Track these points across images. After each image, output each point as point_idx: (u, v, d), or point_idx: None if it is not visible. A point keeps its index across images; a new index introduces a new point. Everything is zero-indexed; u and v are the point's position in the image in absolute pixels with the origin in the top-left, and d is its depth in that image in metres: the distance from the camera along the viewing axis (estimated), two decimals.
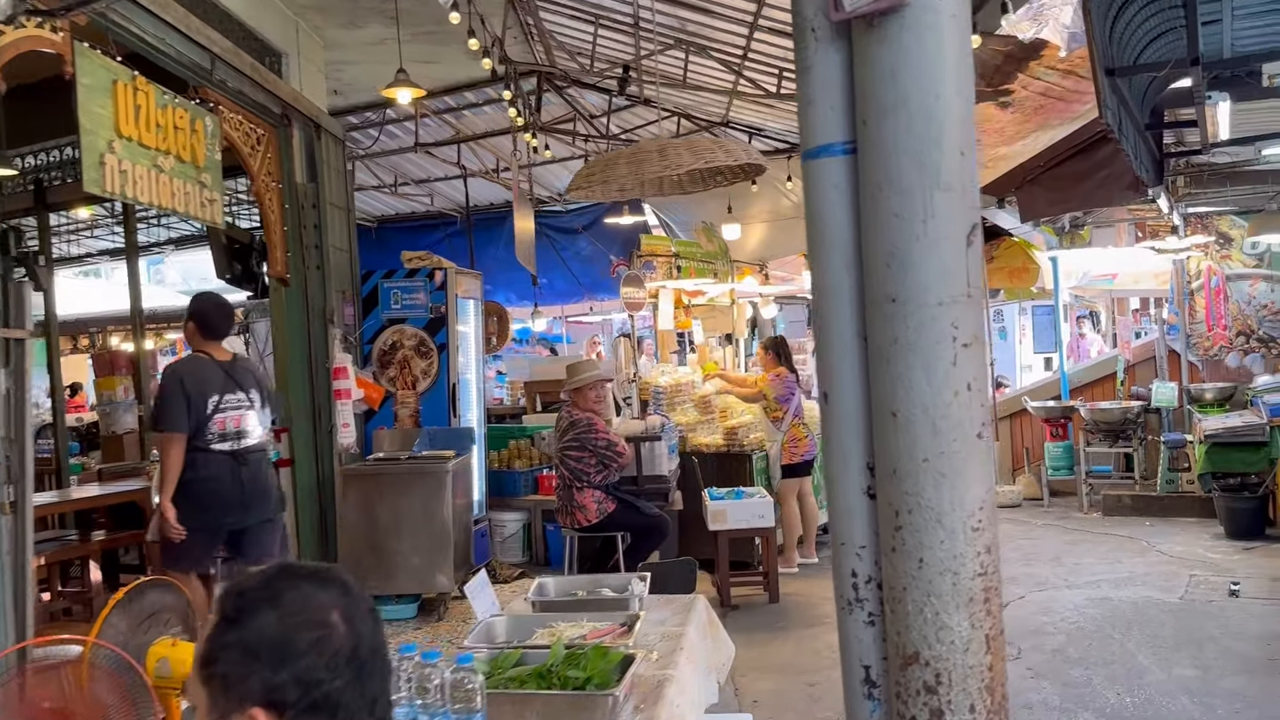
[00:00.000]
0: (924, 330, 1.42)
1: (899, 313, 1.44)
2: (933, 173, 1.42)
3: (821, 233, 1.55)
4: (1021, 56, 4.93)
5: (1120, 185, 6.09)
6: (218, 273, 7.00)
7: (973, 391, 1.43)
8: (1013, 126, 6.10)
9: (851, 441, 1.55)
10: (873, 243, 1.47)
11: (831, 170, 1.54)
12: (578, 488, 5.83)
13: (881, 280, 1.46)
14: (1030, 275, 10.55)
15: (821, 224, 1.55)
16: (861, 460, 1.54)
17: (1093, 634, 5.87)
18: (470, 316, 7.81)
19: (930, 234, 1.42)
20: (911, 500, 1.44)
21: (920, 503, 1.44)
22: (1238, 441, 8.03)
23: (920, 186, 1.42)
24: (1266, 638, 5.65)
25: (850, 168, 1.52)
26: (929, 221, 1.42)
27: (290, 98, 6.53)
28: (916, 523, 1.44)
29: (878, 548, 1.51)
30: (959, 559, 1.43)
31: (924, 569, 1.43)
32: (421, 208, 11.29)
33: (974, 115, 4.70)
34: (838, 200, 1.54)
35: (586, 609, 3.10)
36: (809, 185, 1.57)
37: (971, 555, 1.43)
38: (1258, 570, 7.06)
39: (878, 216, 1.46)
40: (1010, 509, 9.76)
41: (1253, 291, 9.78)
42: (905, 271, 1.43)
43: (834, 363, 1.56)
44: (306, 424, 6.80)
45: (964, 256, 1.44)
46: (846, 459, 1.56)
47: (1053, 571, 7.33)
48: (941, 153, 1.42)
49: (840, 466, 1.56)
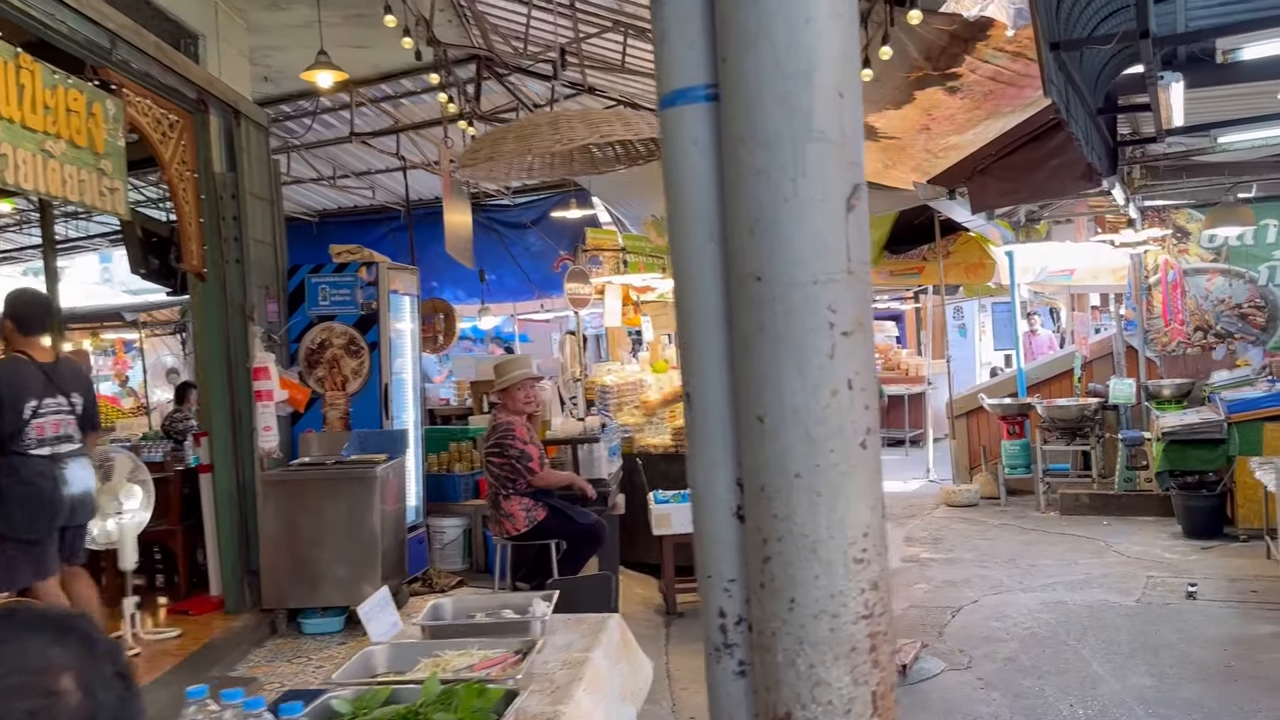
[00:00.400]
0: (794, 315, 1.14)
1: (765, 294, 1.15)
2: (803, 118, 1.14)
3: (680, 197, 1.26)
4: (968, 36, 4.68)
5: (1073, 175, 5.87)
6: (132, 267, 6.64)
7: (855, 390, 1.15)
8: (963, 114, 5.86)
9: (718, 452, 1.26)
10: (735, 208, 1.19)
11: (691, 120, 1.25)
12: (504, 495, 5.52)
13: (744, 254, 1.17)
14: (986, 270, 10.37)
15: (680, 186, 1.26)
16: (730, 475, 1.25)
17: (1046, 640, 5.66)
18: (405, 313, 7.47)
19: (801, 195, 1.13)
20: (781, 525, 1.16)
21: (791, 529, 1.16)
22: (1195, 439, 7.88)
23: (788, 136, 1.14)
24: (1223, 642, 5.46)
25: (714, 117, 1.23)
26: (799, 180, 1.13)
27: (204, 81, 6.16)
28: (787, 553, 1.16)
29: (749, 582, 1.23)
30: (838, 598, 1.15)
31: (796, 611, 1.15)
32: (364, 201, 10.91)
33: (920, 100, 4.34)
34: (699, 157, 1.25)
35: (481, 634, 2.80)
36: (666, 140, 1.29)
37: (854, 593, 1.15)
38: (1215, 570, 6.90)
39: (739, 175, 1.17)
40: (967, 508, 9.57)
41: (1210, 286, 9.66)
42: (772, 243, 1.15)
43: (697, 357, 1.27)
44: (225, 427, 6.44)
45: (843, 224, 1.16)
46: (712, 473, 1.27)
47: (1008, 574, 7.12)
48: (813, 93, 1.14)
49: (705, 483, 1.28)
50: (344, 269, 6.95)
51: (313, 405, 6.89)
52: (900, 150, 6.73)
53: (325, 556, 6.11)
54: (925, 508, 9.78)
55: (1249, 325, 9.54)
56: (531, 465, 5.53)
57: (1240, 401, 7.84)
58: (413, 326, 7.64)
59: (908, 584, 6.96)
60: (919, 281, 11.45)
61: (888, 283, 11.48)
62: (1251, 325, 9.53)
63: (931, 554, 7.89)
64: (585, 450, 6.02)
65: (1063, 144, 5.77)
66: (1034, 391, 10.00)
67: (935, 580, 7.07)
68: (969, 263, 10.36)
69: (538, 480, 5.52)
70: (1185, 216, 9.68)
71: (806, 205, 1.14)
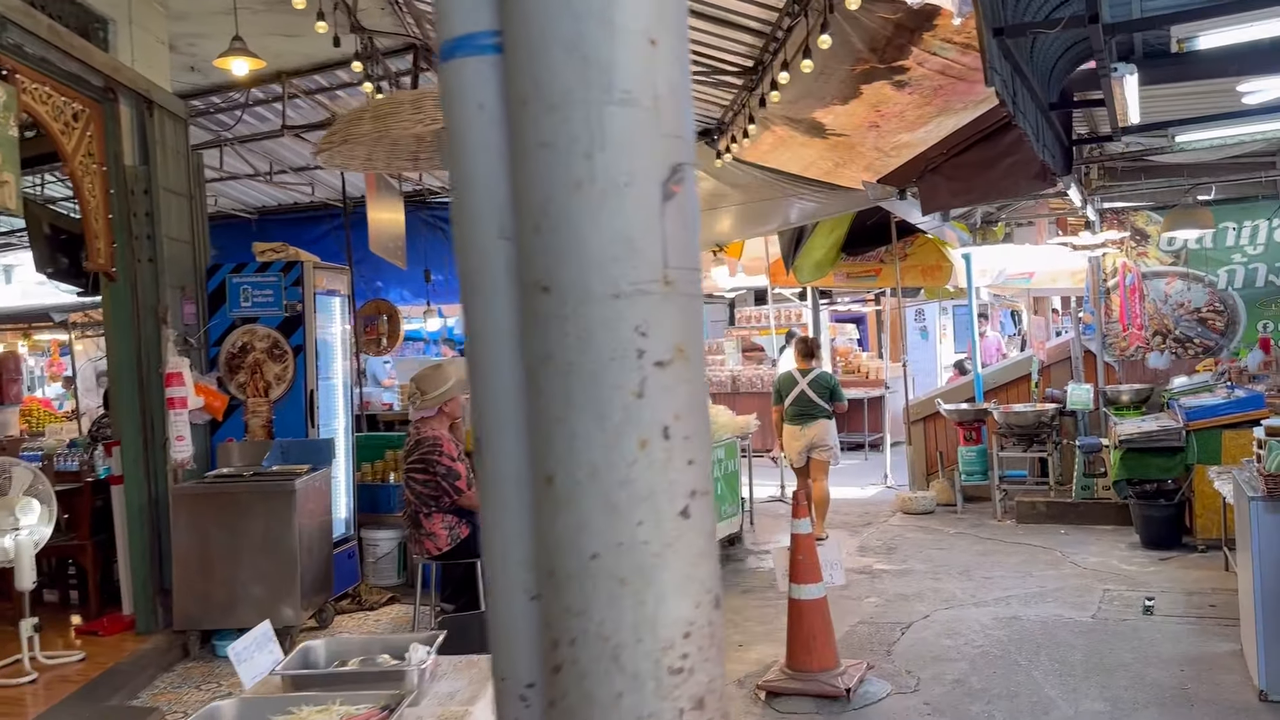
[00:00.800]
0: (590, 339, 0.84)
1: (553, 310, 0.85)
2: (600, 74, 0.84)
3: (465, 179, 0.96)
4: (913, 26, 4.42)
5: (1027, 174, 5.64)
6: (37, 266, 6.26)
7: (674, 441, 0.85)
8: (913, 110, 5.61)
9: (512, 519, 0.95)
10: (520, 194, 0.89)
11: (475, 77, 0.94)
12: (425, 514, 5.18)
13: (529, 256, 0.87)
14: (944, 273, 10.16)
15: (465, 165, 0.95)
16: (527, 549, 0.95)
17: (998, 660, 5.41)
18: (336, 315, 7.11)
19: (599, 177, 0.84)
20: (575, 624, 0.86)
21: (588, 628, 0.86)
22: (1153, 447, 7.68)
23: (580, 96, 0.84)
24: (1180, 661, 5.24)
25: (504, 73, 0.93)
26: (596, 156, 0.84)
27: (110, 69, 5.78)
28: (583, 662, 0.86)
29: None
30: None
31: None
32: (304, 198, 10.50)
33: (868, 95, 3.92)
34: (487, 126, 0.94)
35: (352, 683, 2.48)
36: (446, 103, 0.98)
37: (669, 716, 0.86)
38: (1173, 583, 6.70)
39: (524, 150, 0.88)
40: (923, 516, 9.35)
41: (1169, 290, 9.51)
42: (561, 241, 0.85)
43: (487, 392, 0.96)
44: (136, 436, 6.06)
45: (659, 217, 0.86)
46: (507, 547, 0.96)
47: (961, 586, 6.89)
48: (614, 39, 0.84)
49: (499, 559, 0.97)
50: (268, 268, 6.58)
51: (234, 413, 6.51)
52: (850, 149, 6.47)
53: (241, 574, 5.76)
54: (881, 515, 9.55)
55: (1208, 330, 9.40)
56: (459, 484, 5.20)
57: (1199, 409, 7.65)
58: (345, 329, 7.28)
59: (858, 598, 6.70)
60: (876, 284, 11.24)
61: (845, 285, 11.27)
62: (1210, 330, 9.39)
63: (885, 565, 7.65)
64: None
65: (1016, 142, 5.54)
66: (991, 396, 9.80)
67: (887, 593, 6.82)
68: (926, 265, 10.14)
69: (464, 500, 5.20)
70: (1145, 219, 9.52)
71: (606, 191, 0.84)
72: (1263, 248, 9.25)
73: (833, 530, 8.69)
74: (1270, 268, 9.23)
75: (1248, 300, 9.27)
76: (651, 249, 0.85)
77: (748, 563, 7.98)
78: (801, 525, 5.17)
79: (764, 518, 9.34)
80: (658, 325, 0.85)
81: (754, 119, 5.84)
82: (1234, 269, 9.29)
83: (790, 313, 15.36)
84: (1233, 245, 9.31)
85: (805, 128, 6.15)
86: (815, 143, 6.49)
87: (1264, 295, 9.24)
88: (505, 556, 0.97)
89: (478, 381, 0.98)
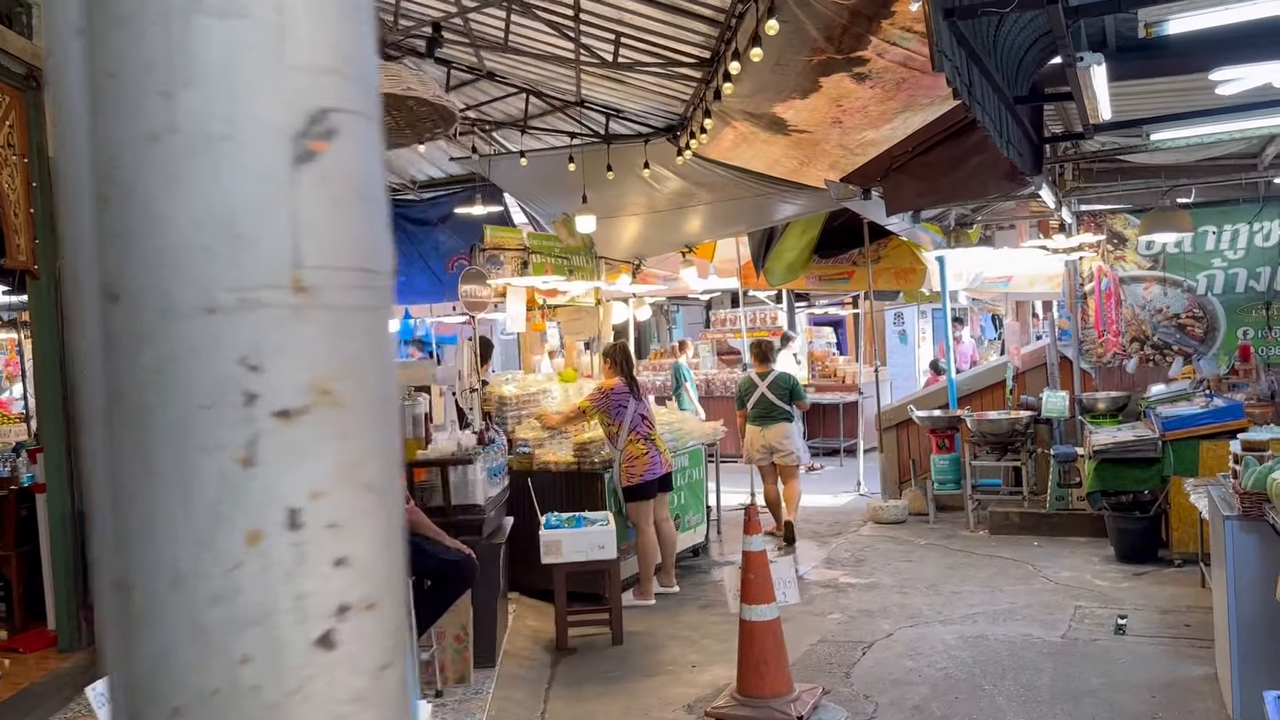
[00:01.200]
0: (173, 374, 0.55)
1: (124, 327, 0.56)
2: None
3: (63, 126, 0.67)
4: (870, 14, 4.13)
5: (995, 174, 5.36)
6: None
7: (310, 531, 0.56)
8: (876, 105, 5.33)
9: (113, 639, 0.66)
10: (93, 152, 0.60)
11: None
12: None
13: (98, 246, 0.58)
14: (918, 276, 9.89)
15: (62, 114, 0.67)
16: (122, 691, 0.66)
17: (961, 683, 5.14)
18: None
19: (183, 126, 0.55)
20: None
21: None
22: (1129, 457, 7.42)
23: (160, 3, 0.55)
24: (1150, 686, 4.97)
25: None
26: (179, 94, 0.54)
27: (33, 56, 5.44)
28: None
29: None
30: None
31: None
32: None
33: (828, 88, 3.43)
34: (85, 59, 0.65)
35: None
36: (46, 29, 0.69)
37: None
38: (1147, 600, 6.44)
39: (94, 85, 0.59)
40: (895, 525, 9.09)
41: (1147, 295, 9.26)
42: (131, 223, 0.56)
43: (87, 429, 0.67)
44: (59, 442, 5.71)
45: (288, 188, 0.57)
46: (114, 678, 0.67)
47: (928, 602, 6.61)
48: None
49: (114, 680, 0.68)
50: None
51: None
52: (814, 146, 6.20)
53: None
54: (852, 524, 9.27)
55: (1187, 336, 9.15)
56: None
57: (1176, 418, 7.40)
58: None
59: (821, 614, 6.43)
60: (849, 287, 10.96)
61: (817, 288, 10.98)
62: (1189, 336, 9.15)
63: (851, 578, 7.37)
64: (457, 474, 5.39)
65: (984, 140, 5.26)
66: (965, 403, 9.54)
67: (850, 609, 6.55)
68: (899, 268, 9.88)
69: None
70: (1122, 222, 9.27)
71: (194, 146, 0.55)
72: (1243, 252, 9.00)
73: (801, 540, 8.42)
74: (1251, 273, 8.98)
75: (1227, 306, 9.02)
76: (270, 238, 0.56)
77: (711, 575, 7.70)
78: (753, 542, 4.89)
79: (733, 527, 9.05)
80: (280, 355, 0.56)
81: (710, 113, 5.56)
82: (1214, 274, 9.04)
83: (766, 315, 15.10)
84: (1212, 249, 9.05)
85: (766, 123, 5.87)
86: (778, 140, 6.21)
87: (1244, 301, 8.99)
88: (111, 680, 0.67)
89: (86, 425, 0.69)
